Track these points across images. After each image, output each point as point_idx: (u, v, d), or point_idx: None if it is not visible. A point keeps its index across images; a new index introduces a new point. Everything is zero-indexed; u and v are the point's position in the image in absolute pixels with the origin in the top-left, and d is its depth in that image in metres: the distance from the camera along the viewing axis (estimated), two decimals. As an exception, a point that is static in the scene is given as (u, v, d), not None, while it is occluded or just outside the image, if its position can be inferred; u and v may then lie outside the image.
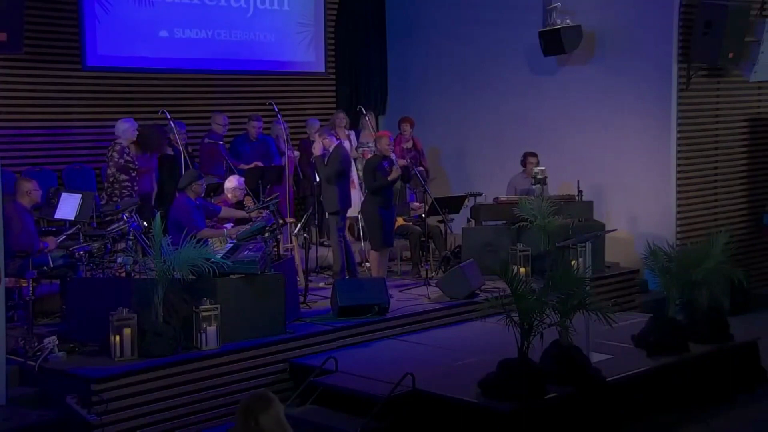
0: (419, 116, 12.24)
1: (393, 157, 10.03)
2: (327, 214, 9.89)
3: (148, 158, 9.99)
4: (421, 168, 11.18)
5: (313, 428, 6.76)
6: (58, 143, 10.49)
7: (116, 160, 9.53)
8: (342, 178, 9.70)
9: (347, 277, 9.55)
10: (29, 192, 8.13)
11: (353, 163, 10.92)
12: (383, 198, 9.65)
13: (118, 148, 9.59)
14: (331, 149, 9.75)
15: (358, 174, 11.18)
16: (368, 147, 11.54)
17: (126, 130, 9.65)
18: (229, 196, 9.51)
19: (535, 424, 6.48)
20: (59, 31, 10.46)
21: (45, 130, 10.38)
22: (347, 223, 10.36)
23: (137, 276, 7.91)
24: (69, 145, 10.57)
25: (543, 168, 10.78)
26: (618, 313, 7.35)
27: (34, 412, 6.65)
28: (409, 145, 11.72)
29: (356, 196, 10.67)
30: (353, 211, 10.64)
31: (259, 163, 10.69)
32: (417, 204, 11.07)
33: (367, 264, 10.60)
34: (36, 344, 7.09)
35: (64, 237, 8.27)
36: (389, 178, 9.58)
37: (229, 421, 6.64)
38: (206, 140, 10.61)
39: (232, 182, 9.53)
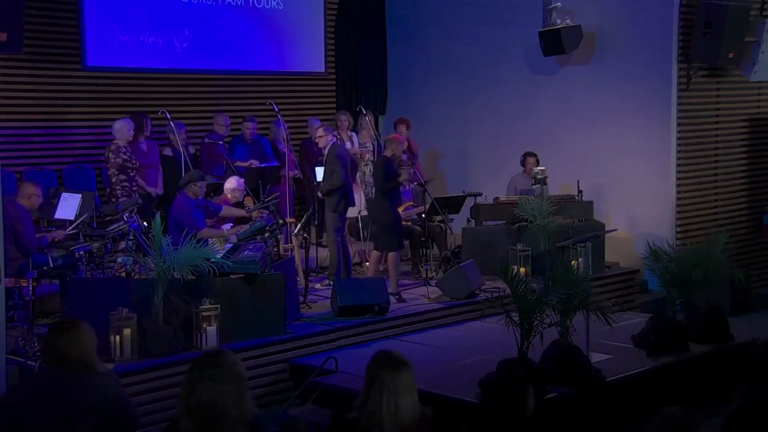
0: (419, 116, 12.24)
1: (404, 157, 10.01)
2: (325, 212, 9.88)
3: (145, 153, 10.01)
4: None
5: (313, 428, 6.76)
6: (58, 143, 10.48)
7: (113, 160, 9.56)
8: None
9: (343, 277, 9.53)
10: (31, 196, 8.16)
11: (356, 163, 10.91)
12: (393, 200, 9.62)
13: (113, 147, 9.62)
14: (326, 149, 9.75)
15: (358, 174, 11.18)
16: (366, 147, 11.54)
17: (121, 129, 9.69)
18: (229, 196, 9.51)
19: (535, 424, 6.47)
20: (59, 31, 10.44)
21: (45, 130, 10.36)
22: (347, 222, 10.34)
23: (137, 276, 7.91)
24: (69, 145, 10.56)
25: (543, 168, 10.78)
26: (618, 313, 7.36)
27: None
28: (404, 146, 11.69)
29: (358, 197, 10.66)
30: (354, 211, 10.63)
31: (256, 162, 10.69)
32: (416, 209, 10.99)
33: (368, 264, 10.60)
34: (36, 344, 7.08)
35: (71, 229, 8.26)
36: (400, 179, 9.59)
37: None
38: (206, 140, 10.62)
39: (231, 183, 9.54)
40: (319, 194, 9.91)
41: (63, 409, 4.04)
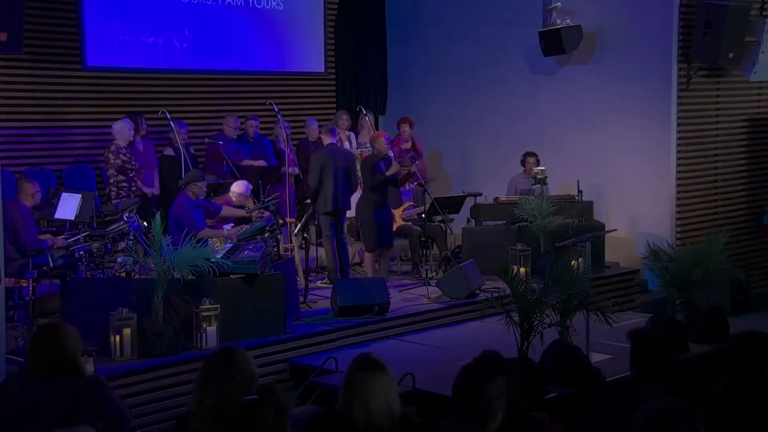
0: (419, 116, 12.24)
1: (391, 154, 10.03)
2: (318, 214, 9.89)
3: (142, 153, 10.01)
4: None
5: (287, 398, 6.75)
6: (58, 143, 10.49)
7: (113, 161, 9.57)
8: (327, 179, 9.58)
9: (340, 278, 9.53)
10: (34, 194, 8.17)
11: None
12: (378, 198, 9.65)
13: (113, 148, 9.62)
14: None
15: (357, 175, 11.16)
16: (366, 147, 11.54)
17: (121, 130, 9.70)
18: (234, 199, 9.50)
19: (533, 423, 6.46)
20: (59, 31, 10.45)
21: (45, 130, 10.36)
22: (345, 223, 10.34)
23: (137, 276, 7.91)
24: (69, 145, 10.56)
25: (543, 168, 10.78)
26: (618, 313, 7.35)
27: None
28: (408, 145, 11.70)
29: (356, 198, 10.65)
30: (353, 211, 10.63)
31: (263, 162, 10.69)
32: (416, 209, 10.98)
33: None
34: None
35: (68, 235, 8.28)
36: (387, 173, 9.60)
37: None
38: (206, 140, 10.63)
39: (239, 187, 9.50)
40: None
41: (43, 413, 4.03)
